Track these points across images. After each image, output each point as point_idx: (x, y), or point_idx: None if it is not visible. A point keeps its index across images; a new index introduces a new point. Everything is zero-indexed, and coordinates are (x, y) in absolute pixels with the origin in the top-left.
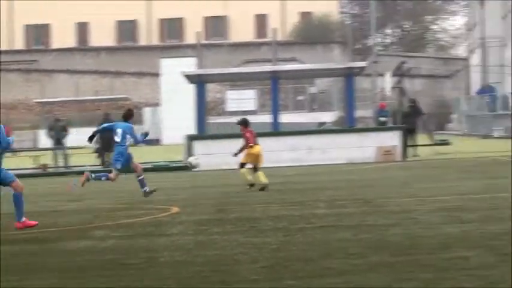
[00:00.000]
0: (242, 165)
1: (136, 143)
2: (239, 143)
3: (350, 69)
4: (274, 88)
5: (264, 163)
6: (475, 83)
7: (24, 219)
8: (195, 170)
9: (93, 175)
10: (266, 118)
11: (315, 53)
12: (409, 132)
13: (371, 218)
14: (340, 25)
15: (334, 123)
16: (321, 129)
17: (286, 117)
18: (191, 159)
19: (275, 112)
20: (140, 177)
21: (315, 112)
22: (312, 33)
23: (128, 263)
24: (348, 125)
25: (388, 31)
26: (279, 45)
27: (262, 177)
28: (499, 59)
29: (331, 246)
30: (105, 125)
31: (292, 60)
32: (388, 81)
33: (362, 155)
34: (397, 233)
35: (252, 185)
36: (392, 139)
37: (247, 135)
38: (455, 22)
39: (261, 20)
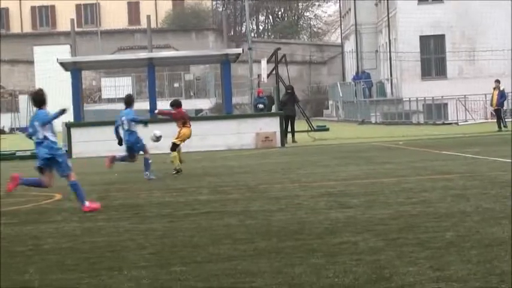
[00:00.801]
0: (175, 146)
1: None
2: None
3: (226, 55)
4: (151, 75)
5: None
6: (350, 69)
7: None
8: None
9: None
10: (143, 105)
11: (189, 40)
12: (288, 119)
13: (256, 203)
14: (213, 12)
15: (211, 110)
16: (198, 116)
17: (162, 105)
18: (156, 132)
19: (152, 99)
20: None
21: (192, 99)
22: (185, 20)
23: (14, 250)
24: (225, 112)
25: (261, 18)
26: (153, 33)
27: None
28: (373, 45)
29: (217, 232)
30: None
31: (167, 47)
32: (264, 68)
33: (241, 142)
34: (283, 218)
35: (179, 170)
36: (271, 125)
37: (183, 115)
38: (328, 9)
39: (133, 7)
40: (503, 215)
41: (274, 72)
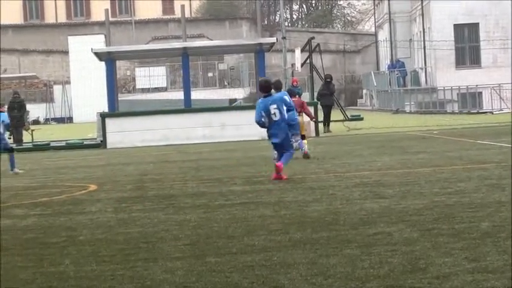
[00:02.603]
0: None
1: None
2: (150, 120)
3: (260, 45)
4: (185, 65)
5: (177, 140)
6: (384, 58)
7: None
8: None
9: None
10: (177, 95)
11: (222, 29)
12: (325, 109)
13: (290, 194)
14: (247, 1)
15: (245, 100)
16: (233, 106)
17: (197, 94)
18: None
19: (187, 89)
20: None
21: (226, 89)
22: (219, 9)
23: (49, 241)
24: None
25: (295, 7)
26: (186, 22)
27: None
28: (407, 34)
29: (252, 223)
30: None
31: (200, 36)
32: (298, 57)
33: None
34: (317, 209)
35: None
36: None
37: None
38: None
39: None
40: None
41: (308, 61)
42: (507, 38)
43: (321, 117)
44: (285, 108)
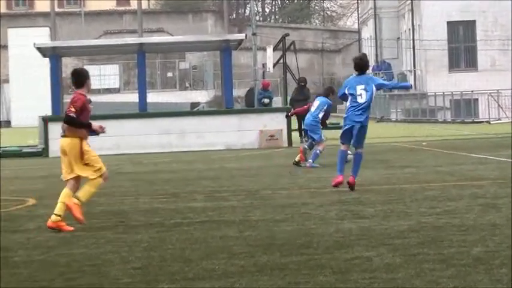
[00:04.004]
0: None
1: None
2: (101, 124)
3: (227, 42)
4: (141, 63)
5: (130, 149)
6: (369, 59)
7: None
8: None
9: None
10: (131, 97)
11: (185, 23)
12: (299, 116)
13: (257, 212)
14: None
15: (209, 104)
16: (194, 111)
17: (154, 97)
18: None
19: (142, 90)
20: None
21: (187, 91)
22: (181, 1)
23: None
24: (225, 106)
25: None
26: (144, 15)
27: None
28: (394, 32)
29: (212, 244)
30: None
31: (160, 31)
32: (270, 57)
33: (242, 141)
34: (287, 229)
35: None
36: (277, 122)
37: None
38: None
39: None
40: None
41: (281, 61)
42: (507, 38)
43: (294, 125)
44: None
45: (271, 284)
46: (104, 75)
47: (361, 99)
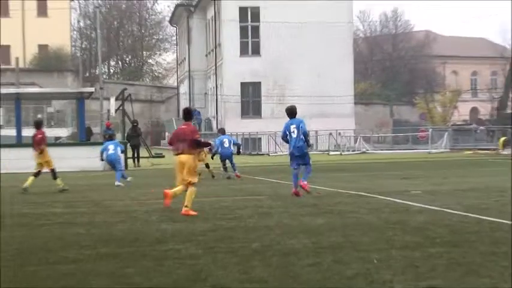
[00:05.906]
0: (207, 165)
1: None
2: None
3: (81, 93)
4: (18, 107)
5: (11, 170)
6: (183, 108)
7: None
8: None
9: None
10: (11, 132)
11: (51, 79)
12: (133, 148)
13: (100, 216)
14: (72, 56)
15: (68, 138)
16: (57, 142)
17: (28, 131)
18: None
19: (19, 127)
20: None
21: (53, 128)
22: (49, 62)
23: None
24: (79, 139)
25: (112, 63)
26: (21, 72)
27: None
28: (203, 88)
29: (67, 239)
30: None
31: (32, 84)
32: (112, 104)
33: (92, 165)
34: (122, 228)
35: None
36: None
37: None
38: (167, 57)
39: (4, 50)
40: (299, 230)
41: (121, 108)
42: (283, 95)
43: (130, 154)
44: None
45: (107, 268)
46: None
47: (294, 135)
